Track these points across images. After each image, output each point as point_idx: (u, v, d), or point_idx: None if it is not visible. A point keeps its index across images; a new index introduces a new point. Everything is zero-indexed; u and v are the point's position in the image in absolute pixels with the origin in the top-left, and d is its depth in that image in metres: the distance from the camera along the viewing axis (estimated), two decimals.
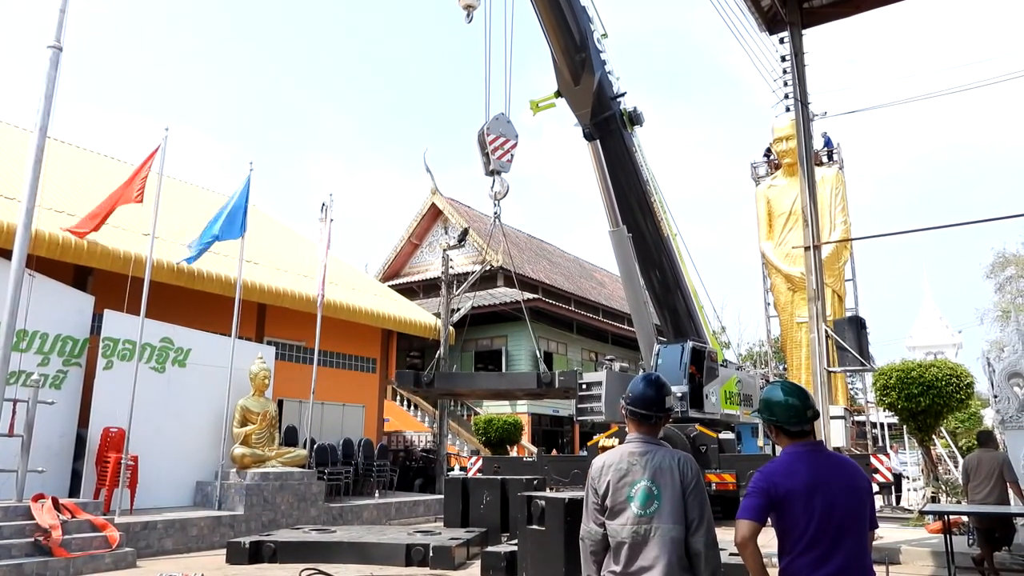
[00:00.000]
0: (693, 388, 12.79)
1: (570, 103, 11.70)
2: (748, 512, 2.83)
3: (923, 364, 14.71)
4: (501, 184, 10.62)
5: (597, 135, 11.90)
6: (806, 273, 13.36)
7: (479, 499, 10.95)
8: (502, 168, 10.43)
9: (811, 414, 2.98)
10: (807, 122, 13.88)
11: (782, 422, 2.99)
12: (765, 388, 3.27)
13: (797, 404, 2.97)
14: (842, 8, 14.39)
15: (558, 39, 10.67)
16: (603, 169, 12.20)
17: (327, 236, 14.68)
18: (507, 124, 10.51)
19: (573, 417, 15.28)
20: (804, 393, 3.05)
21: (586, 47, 11.06)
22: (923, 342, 41.84)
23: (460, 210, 31.46)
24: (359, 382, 18.89)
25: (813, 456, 2.91)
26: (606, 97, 11.75)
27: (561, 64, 11.06)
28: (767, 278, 23.95)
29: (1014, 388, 10.57)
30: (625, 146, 12.19)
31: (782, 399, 3.00)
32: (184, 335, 12.69)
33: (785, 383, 3.13)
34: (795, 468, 2.87)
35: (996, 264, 38.53)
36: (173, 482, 12.20)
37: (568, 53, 10.87)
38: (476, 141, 10.50)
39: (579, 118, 11.84)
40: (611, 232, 12.77)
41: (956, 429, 24.59)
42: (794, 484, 2.82)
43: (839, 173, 23.29)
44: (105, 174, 17.05)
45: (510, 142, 10.47)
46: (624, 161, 12.22)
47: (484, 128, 10.37)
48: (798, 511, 2.80)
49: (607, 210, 12.65)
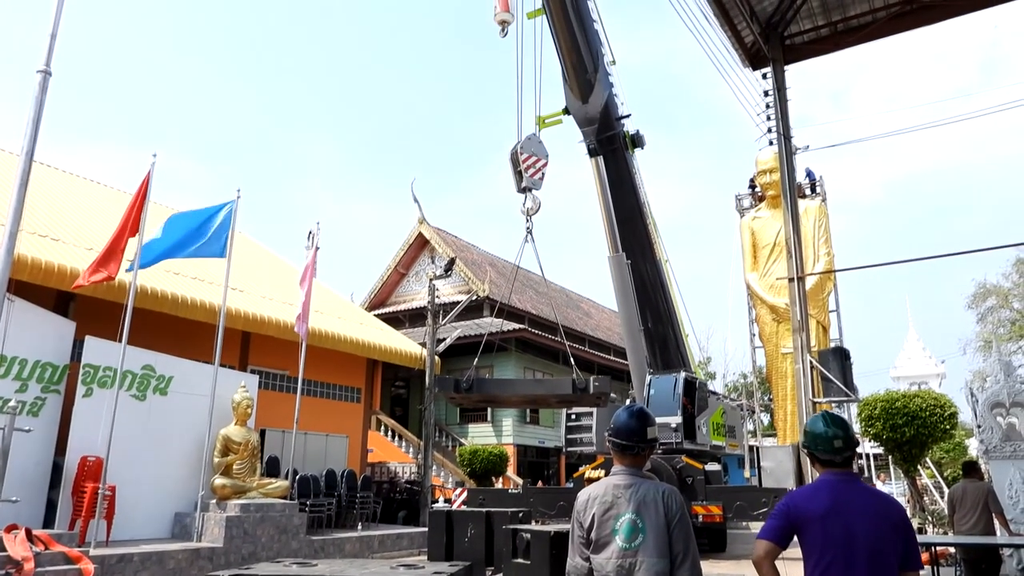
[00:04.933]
0: (686, 419, 12.78)
1: (577, 120, 12.09)
2: (766, 532, 2.92)
3: (907, 395, 14.78)
4: (533, 201, 10.87)
5: (601, 152, 12.24)
6: (790, 304, 13.44)
7: (464, 532, 10.78)
8: (534, 185, 10.74)
9: (840, 445, 3.04)
10: (790, 155, 14.08)
11: (813, 450, 3.09)
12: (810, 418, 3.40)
13: (828, 434, 3.05)
14: (823, 45, 14.72)
15: (571, 59, 11.13)
16: (605, 187, 12.47)
17: (312, 264, 14.63)
18: (539, 144, 10.90)
19: (562, 448, 15.18)
20: (842, 425, 3.12)
21: (597, 68, 11.43)
22: (907, 372, 42.10)
23: (447, 240, 31.52)
24: (343, 412, 18.70)
25: (841, 485, 2.95)
26: (611, 117, 12.12)
27: (572, 82, 11.48)
28: (752, 309, 24.07)
29: (997, 418, 10.62)
30: (626, 165, 12.51)
31: (818, 429, 3.10)
32: (166, 363, 12.53)
33: (827, 414, 3.23)
34: (819, 494, 2.94)
35: (977, 295, 39.01)
36: (151, 513, 11.95)
37: (579, 72, 11.31)
38: (509, 159, 10.84)
39: (584, 134, 12.23)
40: (611, 258, 12.88)
41: (941, 459, 24.66)
42: (814, 509, 2.88)
43: (822, 205, 23.59)
44: (89, 199, 16.97)
45: (541, 161, 10.81)
46: (624, 180, 12.54)
47: (518, 147, 10.73)
48: (816, 535, 2.85)
49: (608, 234, 12.81)
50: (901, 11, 13.77)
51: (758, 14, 14.10)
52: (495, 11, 10.57)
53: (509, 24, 10.62)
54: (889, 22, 13.93)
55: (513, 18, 10.65)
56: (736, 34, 14.17)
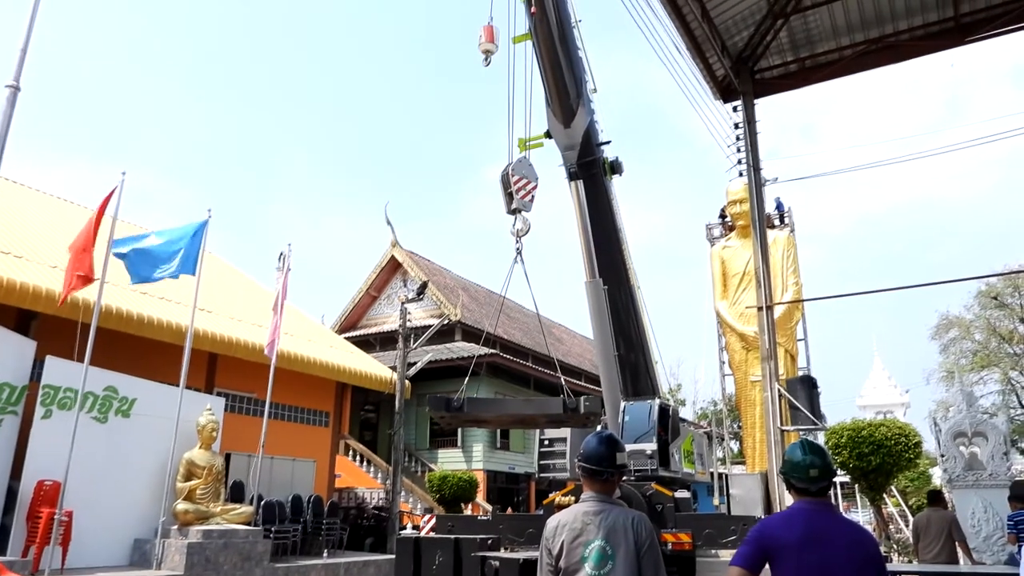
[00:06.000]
0: (661, 446, 12.78)
1: (559, 143, 12.24)
2: (738, 559, 2.89)
3: (873, 424, 14.99)
4: (524, 222, 11.01)
5: (581, 176, 12.38)
6: (759, 332, 13.60)
7: (431, 559, 10.63)
8: (524, 207, 10.89)
9: (816, 474, 3.01)
10: (759, 186, 14.34)
11: (789, 477, 3.08)
12: (789, 445, 3.36)
13: (805, 462, 3.04)
14: (791, 80, 15.10)
15: (556, 84, 11.27)
16: (584, 212, 12.57)
17: (283, 286, 14.49)
18: (529, 167, 11.07)
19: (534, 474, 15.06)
20: (820, 454, 3.09)
21: (580, 94, 11.61)
22: (873, 401, 42.75)
23: (420, 263, 31.45)
24: (311, 436, 18.42)
25: (815, 514, 2.93)
26: (592, 142, 12.28)
27: (555, 106, 11.64)
28: (722, 337, 24.29)
29: (960, 447, 10.82)
30: (604, 191, 12.65)
31: (796, 457, 3.09)
32: (129, 384, 12.26)
33: (806, 442, 3.20)
34: (793, 523, 2.92)
35: (940, 326, 39.87)
36: (109, 539, 11.60)
37: (563, 97, 11.45)
38: (500, 181, 10.99)
39: (565, 158, 12.39)
40: (588, 283, 12.93)
41: (906, 488, 24.96)
42: (788, 537, 2.85)
43: (790, 236, 23.97)
44: (54, 216, 16.67)
45: (531, 184, 10.98)
46: (602, 206, 12.67)
47: (509, 169, 10.89)
48: (790, 565, 2.82)
49: (585, 260, 12.87)
50: (867, 50, 14.20)
51: (729, 48, 14.44)
52: (480, 40, 10.85)
53: (492, 54, 10.88)
54: (855, 60, 14.35)
55: (497, 49, 10.90)
56: (708, 67, 14.48)
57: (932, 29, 13.76)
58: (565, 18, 11.23)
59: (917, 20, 13.74)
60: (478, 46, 10.85)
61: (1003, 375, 39.14)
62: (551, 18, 10.78)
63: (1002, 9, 13.00)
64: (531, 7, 10.49)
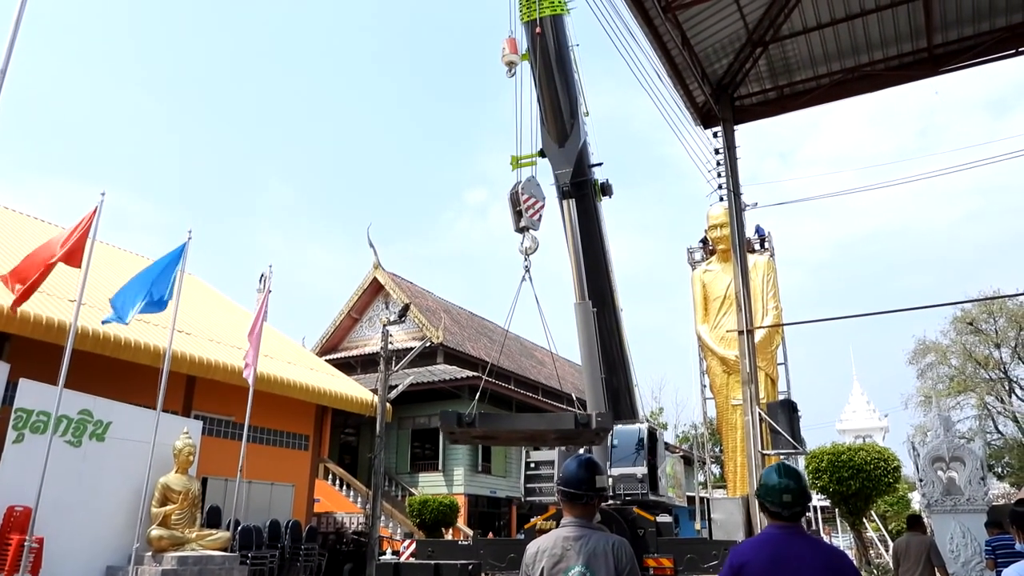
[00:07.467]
0: (650, 470, 12.74)
1: (552, 162, 12.41)
2: None
3: (853, 448, 15.05)
4: (532, 241, 11.13)
5: (573, 195, 12.52)
6: (740, 356, 13.67)
7: None
8: (532, 226, 11.04)
9: (788, 499, 3.00)
10: (739, 211, 14.51)
11: (763, 500, 3.07)
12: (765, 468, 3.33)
13: (779, 486, 3.03)
14: (770, 107, 15.39)
15: (552, 103, 11.55)
16: (576, 233, 12.63)
17: (263, 308, 14.37)
18: (537, 186, 11.26)
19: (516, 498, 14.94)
20: (795, 477, 3.07)
21: (575, 114, 11.83)
22: (852, 426, 42.99)
23: (402, 285, 31.37)
24: (290, 460, 18.18)
25: (784, 539, 2.94)
26: (585, 163, 12.45)
27: (550, 126, 11.88)
28: (703, 360, 24.38)
29: (938, 472, 10.89)
30: (595, 212, 12.78)
31: (771, 481, 3.08)
32: (105, 407, 12.05)
33: (782, 465, 3.18)
34: (763, 548, 2.93)
35: (917, 351, 40.35)
36: (81, 567, 11.32)
37: (558, 117, 11.71)
38: (508, 199, 11.14)
39: (557, 177, 12.52)
40: (577, 305, 12.94)
41: (886, 512, 25.05)
42: (759, 561, 2.86)
43: (770, 260, 24.21)
44: (30, 236, 16.46)
45: (539, 203, 11.16)
46: (592, 227, 12.80)
47: (518, 188, 11.05)
48: None
49: (575, 281, 12.90)
50: (843, 79, 14.50)
51: (709, 76, 14.68)
52: (503, 52, 11.20)
53: (516, 65, 11.20)
54: (832, 88, 14.65)
55: (520, 60, 11.24)
56: (688, 94, 14.71)
57: (906, 60, 14.10)
58: (564, 40, 11.59)
59: (892, 51, 14.07)
60: (501, 58, 11.18)
61: (979, 400, 39.60)
62: (550, 40, 11.14)
63: (973, 41, 13.36)
64: (536, 28, 10.88)
